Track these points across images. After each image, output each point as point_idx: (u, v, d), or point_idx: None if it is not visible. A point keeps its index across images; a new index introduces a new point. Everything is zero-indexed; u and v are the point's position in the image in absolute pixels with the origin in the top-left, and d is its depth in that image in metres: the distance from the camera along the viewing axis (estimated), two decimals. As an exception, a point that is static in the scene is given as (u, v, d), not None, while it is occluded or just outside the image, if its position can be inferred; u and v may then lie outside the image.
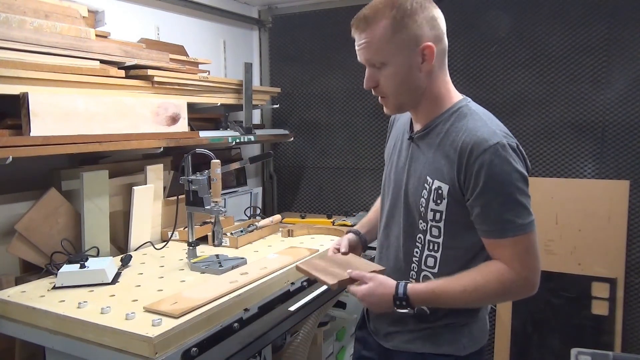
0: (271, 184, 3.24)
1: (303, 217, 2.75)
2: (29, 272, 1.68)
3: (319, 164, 3.09)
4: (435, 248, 1.19)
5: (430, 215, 1.17)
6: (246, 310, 1.44)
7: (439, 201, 1.15)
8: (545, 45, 2.43)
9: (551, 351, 2.47)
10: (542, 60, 2.44)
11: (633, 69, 2.27)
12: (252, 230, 2.12)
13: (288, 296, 1.63)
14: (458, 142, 1.11)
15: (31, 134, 1.49)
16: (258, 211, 2.78)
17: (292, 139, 2.95)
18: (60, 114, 1.57)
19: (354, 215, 2.65)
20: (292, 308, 1.58)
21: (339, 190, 3.05)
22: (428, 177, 1.17)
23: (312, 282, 1.77)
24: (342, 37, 2.41)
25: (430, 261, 1.20)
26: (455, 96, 1.21)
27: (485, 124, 1.12)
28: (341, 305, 2.37)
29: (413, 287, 1.15)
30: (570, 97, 2.41)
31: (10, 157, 1.41)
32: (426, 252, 1.21)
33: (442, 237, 1.18)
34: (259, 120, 3.18)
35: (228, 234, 2.02)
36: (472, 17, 2.55)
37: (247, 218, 2.58)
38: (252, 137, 2.50)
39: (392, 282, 1.17)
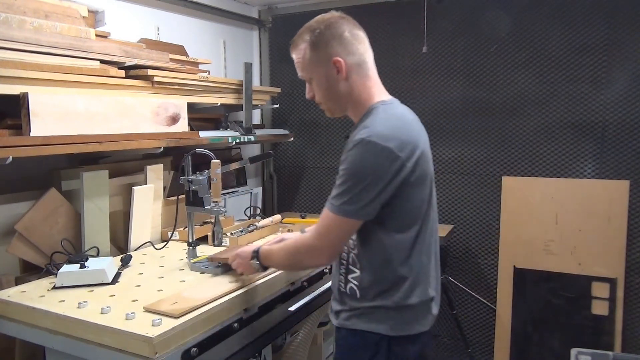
0: (271, 184, 3.24)
1: (303, 217, 2.75)
2: (29, 272, 1.68)
3: (319, 164, 3.09)
4: (352, 246, 1.30)
5: None
6: (246, 310, 1.44)
7: None
8: (545, 45, 2.43)
9: (551, 351, 2.48)
10: (542, 60, 2.44)
11: (633, 69, 2.27)
12: (252, 230, 2.12)
13: (288, 296, 1.63)
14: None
15: (31, 134, 1.49)
16: (258, 211, 2.78)
17: (292, 139, 2.95)
18: (60, 114, 1.57)
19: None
20: (292, 308, 1.58)
21: (339, 190, 3.04)
22: None
23: (312, 282, 1.78)
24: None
25: (353, 259, 1.30)
26: (377, 98, 1.30)
27: (374, 123, 1.21)
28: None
29: (263, 247, 1.42)
30: (570, 97, 2.41)
31: (10, 157, 1.41)
32: (350, 251, 1.31)
33: (355, 235, 1.27)
34: (259, 120, 3.18)
35: (228, 234, 2.02)
36: (472, 17, 2.55)
37: (247, 218, 2.58)
38: (252, 137, 2.50)
39: (254, 246, 1.46)
